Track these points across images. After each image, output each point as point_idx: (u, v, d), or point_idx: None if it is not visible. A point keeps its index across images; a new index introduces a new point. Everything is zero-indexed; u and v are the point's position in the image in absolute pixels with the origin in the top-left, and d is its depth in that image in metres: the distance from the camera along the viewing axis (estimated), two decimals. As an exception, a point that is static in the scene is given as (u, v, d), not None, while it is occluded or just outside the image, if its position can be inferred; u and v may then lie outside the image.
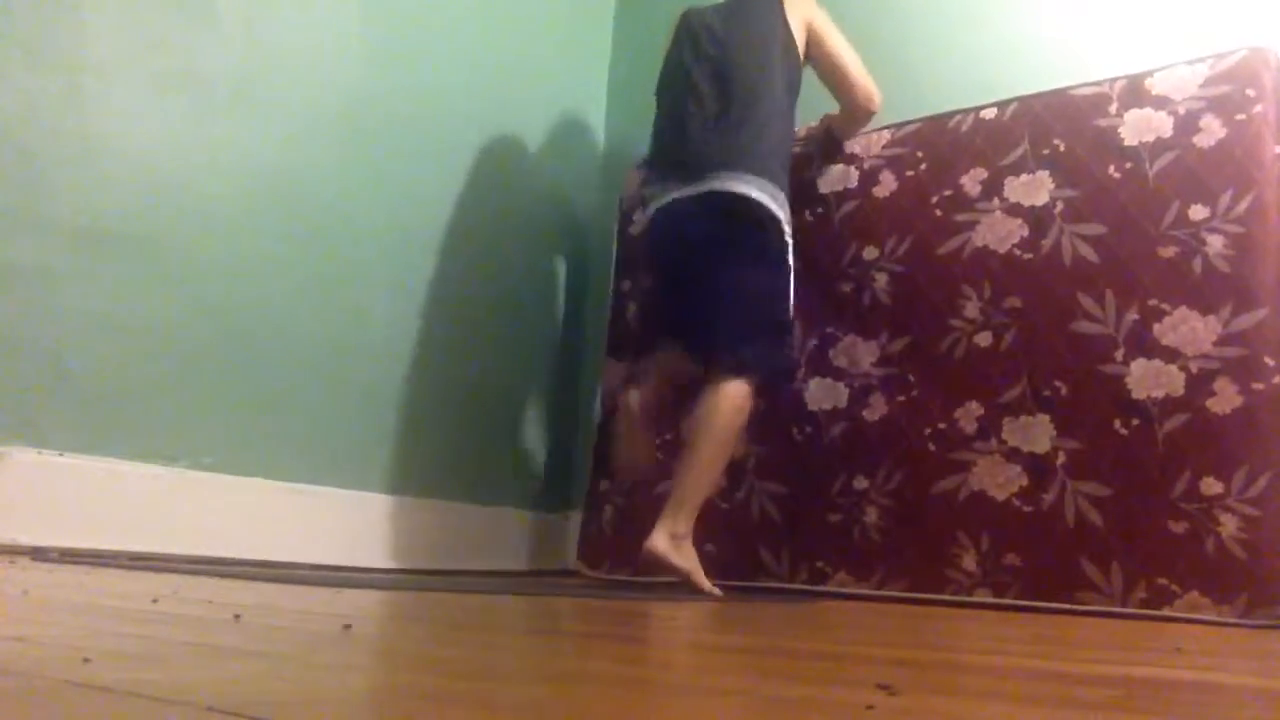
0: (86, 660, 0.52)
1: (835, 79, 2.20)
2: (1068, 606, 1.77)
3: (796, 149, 2.38)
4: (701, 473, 1.90)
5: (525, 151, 2.75)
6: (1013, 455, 1.91)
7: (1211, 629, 1.52)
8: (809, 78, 2.22)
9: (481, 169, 2.59)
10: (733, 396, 1.91)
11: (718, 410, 1.90)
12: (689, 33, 2.20)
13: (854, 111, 2.23)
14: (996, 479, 1.91)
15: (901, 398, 2.07)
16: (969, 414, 1.97)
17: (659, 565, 1.86)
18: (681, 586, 1.89)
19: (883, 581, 1.99)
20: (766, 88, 2.07)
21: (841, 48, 2.18)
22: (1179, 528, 1.72)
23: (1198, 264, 1.80)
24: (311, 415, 2.15)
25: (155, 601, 0.95)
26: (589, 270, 2.91)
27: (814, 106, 2.29)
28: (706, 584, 1.88)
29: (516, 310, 2.70)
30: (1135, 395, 1.81)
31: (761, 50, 2.09)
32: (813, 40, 2.17)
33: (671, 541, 1.86)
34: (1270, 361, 1.71)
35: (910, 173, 2.19)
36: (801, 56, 2.15)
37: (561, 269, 2.85)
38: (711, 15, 2.20)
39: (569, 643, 0.83)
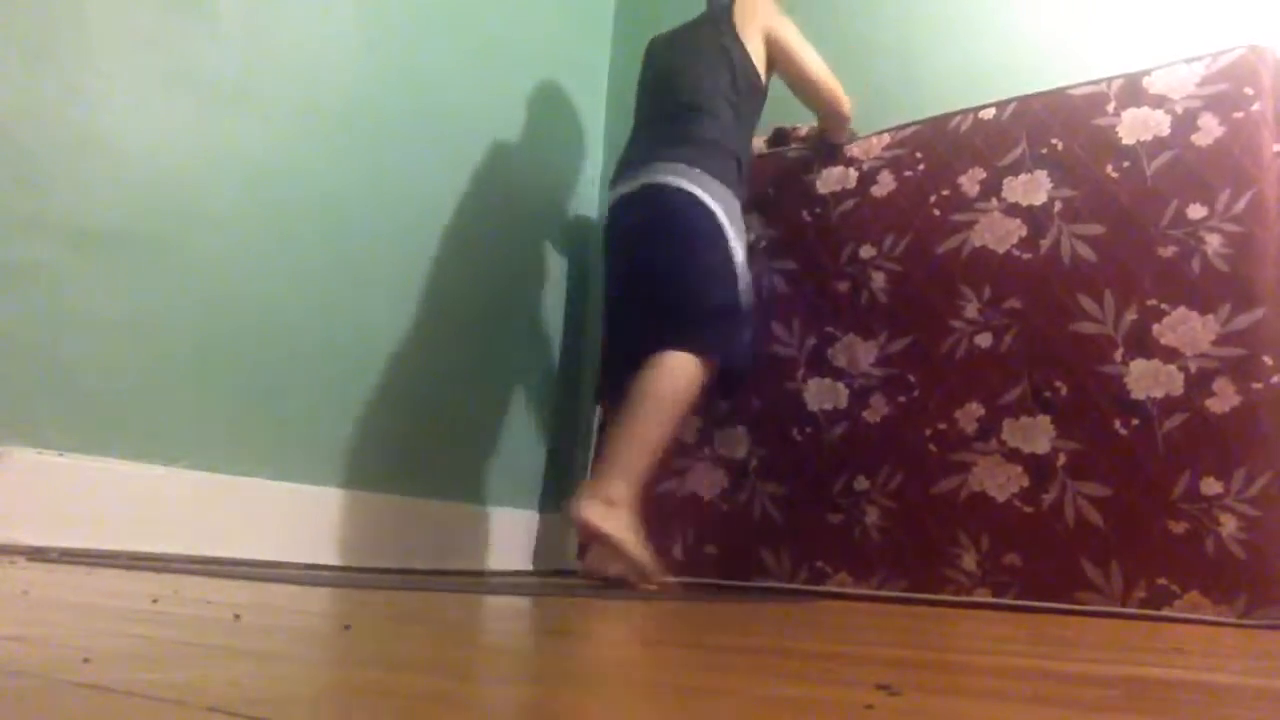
0: (86, 660, 0.52)
1: (800, 89, 2.24)
2: (1068, 606, 1.77)
3: (796, 152, 2.39)
4: (638, 437, 1.81)
5: (525, 151, 2.75)
6: (1013, 456, 1.91)
7: (1211, 629, 1.52)
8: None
9: (481, 168, 2.59)
10: (680, 364, 1.85)
11: (662, 375, 1.84)
12: (647, 60, 2.31)
13: (826, 117, 2.27)
14: (997, 479, 1.91)
15: (902, 398, 2.07)
16: (969, 414, 1.97)
17: (587, 532, 1.76)
18: (630, 572, 1.79)
19: (883, 581, 1.99)
20: (707, 105, 2.09)
21: (803, 58, 2.20)
22: (1179, 528, 1.72)
23: (1196, 263, 1.80)
24: (311, 415, 2.15)
25: (155, 601, 0.95)
26: (589, 269, 2.90)
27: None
28: (643, 557, 1.79)
29: (516, 310, 2.70)
30: (1135, 395, 1.81)
31: (705, 72, 2.13)
32: (775, 52, 2.19)
33: (605, 507, 1.75)
34: (1269, 361, 1.71)
35: (909, 173, 2.19)
36: (763, 67, 2.17)
37: (561, 268, 2.85)
38: (663, 42, 2.29)
39: (569, 643, 0.83)
